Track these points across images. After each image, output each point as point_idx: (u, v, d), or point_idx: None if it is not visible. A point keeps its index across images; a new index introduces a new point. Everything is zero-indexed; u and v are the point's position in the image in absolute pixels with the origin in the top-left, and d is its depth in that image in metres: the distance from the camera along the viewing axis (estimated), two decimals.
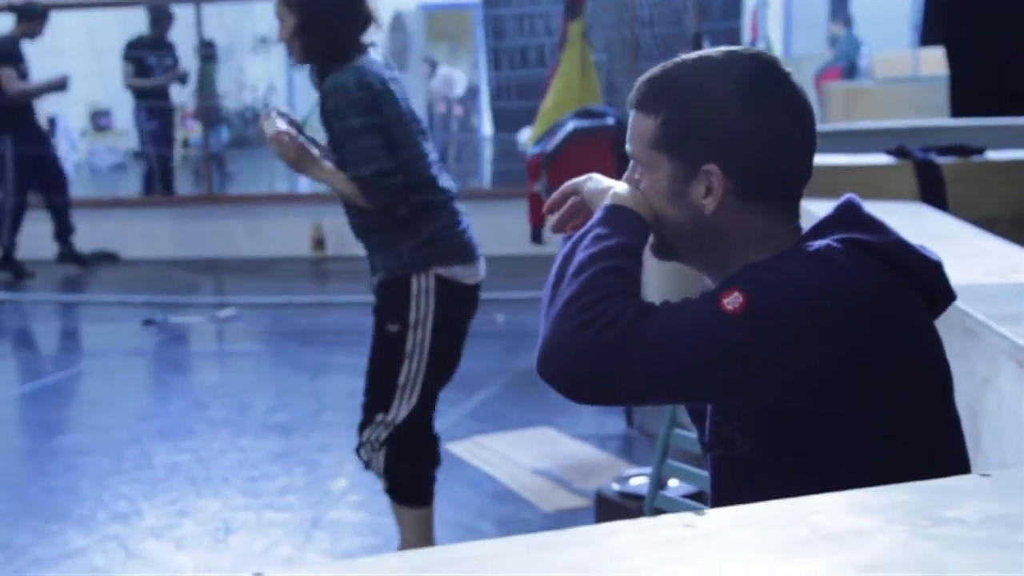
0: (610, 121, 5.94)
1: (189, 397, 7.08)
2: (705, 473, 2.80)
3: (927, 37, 12.01)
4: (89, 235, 11.66)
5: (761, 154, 1.95)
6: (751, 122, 1.94)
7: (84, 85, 19.40)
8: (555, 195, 2.18)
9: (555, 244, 6.25)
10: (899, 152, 5.45)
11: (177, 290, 9.94)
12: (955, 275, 2.94)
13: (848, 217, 1.95)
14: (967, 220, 4.69)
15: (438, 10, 17.42)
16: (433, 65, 17.82)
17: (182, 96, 19.81)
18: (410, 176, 4.04)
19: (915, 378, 1.85)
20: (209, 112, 14.40)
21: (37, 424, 6.62)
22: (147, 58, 11.92)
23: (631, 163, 2.05)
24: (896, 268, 1.89)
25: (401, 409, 4.17)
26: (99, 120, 20.17)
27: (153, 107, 12.21)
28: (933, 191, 5.41)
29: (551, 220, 2.19)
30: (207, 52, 15.79)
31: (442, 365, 4.24)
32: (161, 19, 12.05)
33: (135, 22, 13.09)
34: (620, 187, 2.01)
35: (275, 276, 10.52)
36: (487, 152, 13.48)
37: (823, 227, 1.94)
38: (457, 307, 4.17)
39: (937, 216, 4.63)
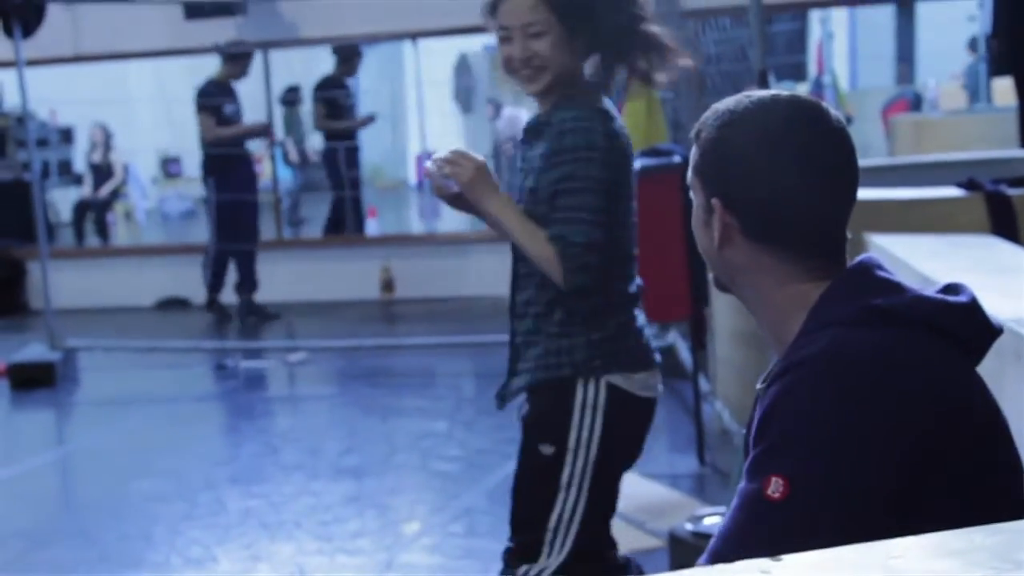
0: (676, 159, 5.92)
1: (261, 441, 7.11)
2: None
3: (997, 68, 11.96)
4: (160, 282, 11.77)
5: (773, 197, 1.96)
6: (767, 164, 1.96)
7: (154, 133, 19.66)
8: None
9: None
10: (969, 184, 5.40)
11: (248, 335, 10.00)
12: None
13: (862, 279, 1.94)
14: None
15: (491, 50, 17.50)
16: (498, 107, 17.89)
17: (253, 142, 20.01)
18: (614, 262, 3.19)
19: (968, 441, 1.82)
20: (299, 156, 14.63)
21: (112, 471, 6.67)
22: (338, 99, 11.89)
23: None
24: (919, 327, 1.86)
25: (552, 559, 3.25)
26: (169, 167, 20.39)
27: (346, 149, 12.17)
28: (1004, 223, 5.35)
29: None
30: (291, 97, 16.01)
31: (607, 500, 3.39)
32: (350, 58, 11.93)
33: (204, 69, 13.22)
34: None
35: (344, 319, 10.56)
36: None
37: (836, 296, 1.92)
38: (629, 426, 3.28)
39: (1008, 248, 4.57)
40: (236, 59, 10.64)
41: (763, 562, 1.26)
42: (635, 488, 5.68)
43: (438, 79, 11.54)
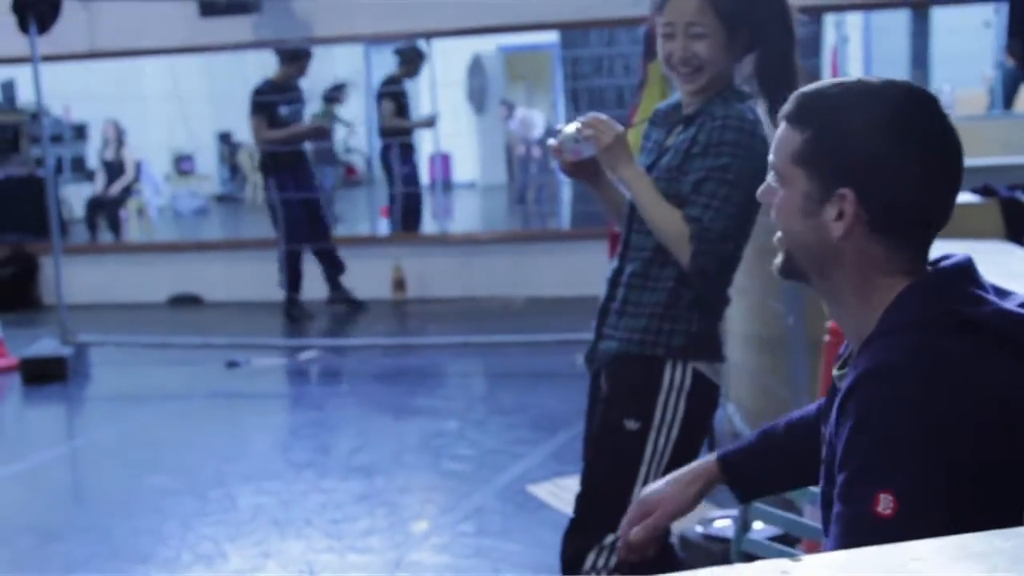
0: None
1: (272, 439, 7.12)
2: (791, 516, 2.78)
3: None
4: (172, 279, 11.79)
5: (900, 189, 1.93)
6: (896, 155, 1.92)
7: (168, 130, 19.70)
8: (632, 514, 2.42)
9: None
10: (984, 190, 5.40)
11: (260, 332, 10.01)
12: None
13: (948, 282, 1.93)
14: None
15: (516, 52, 17.49)
16: (511, 107, 17.90)
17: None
18: (736, 257, 3.30)
19: None
20: (325, 154, 14.66)
21: (122, 466, 6.68)
22: (403, 97, 11.83)
23: (771, 173, 2.05)
24: (1001, 339, 1.86)
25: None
26: (182, 165, 20.42)
27: (406, 147, 12.13)
28: (1019, 229, 5.35)
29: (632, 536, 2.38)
30: (334, 94, 16.07)
31: None
32: (413, 60, 11.91)
33: (219, 67, 13.25)
34: None
35: (356, 318, 10.56)
36: (566, 194, 13.49)
37: (920, 297, 1.92)
38: (706, 412, 3.39)
39: (1022, 254, 4.57)
40: (294, 59, 10.61)
41: (783, 562, 1.26)
42: (644, 489, 5.68)
43: (452, 79, 11.54)
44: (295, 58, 10.62)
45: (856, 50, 16.06)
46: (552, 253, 10.72)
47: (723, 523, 4.59)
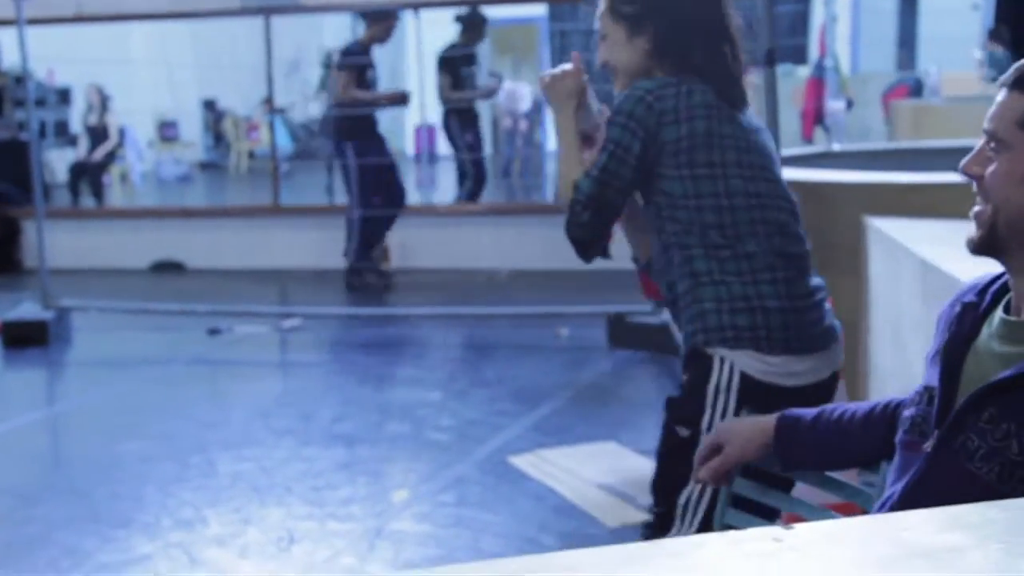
0: None
1: (253, 406, 7.10)
2: (775, 491, 2.76)
3: (1018, 52, 11.93)
4: (155, 245, 11.76)
5: None
6: None
7: (153, 96, 19.62)
8: (703, 449, 2.46)
9: (621, 259, 6.17)
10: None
11: (242, 300, 9.99)
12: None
13: None
14: None
15: (504, 25, 17.44)
16: (499, 80, 17.85)
17: (246, 107, 19.99)
18: (739, 230, 3.07)
19: None
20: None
21: (103, 431, 6.66)
22: (461, 69, 11.53)
23: (983, 140, 2.02)
24: None
25: (681, 534, 3.13)
26: (166, 131, 20.35)
27: (467, 118, 11.89)
28: None
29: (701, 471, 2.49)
30: (330, 61, 15.95)
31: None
32: (477, 25, 11.60)
33: (206, 33, 13.19)
34: None
35: (339, 287, 10.54)
36: (551, 167, 13.48)
37: None
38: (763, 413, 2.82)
39: None
40: (378, 19, 10.40)
41: (776, 530, 1.26)
42: (627, 462, 5.70)
43: (439, 50, 11.51)
44: (379, 19, 10.39)
45: (844, 30, 16.05)
46: (537, 226, 10.71)
47: None
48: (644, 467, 5.67)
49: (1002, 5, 10.65)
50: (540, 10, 13.59)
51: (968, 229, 2.01)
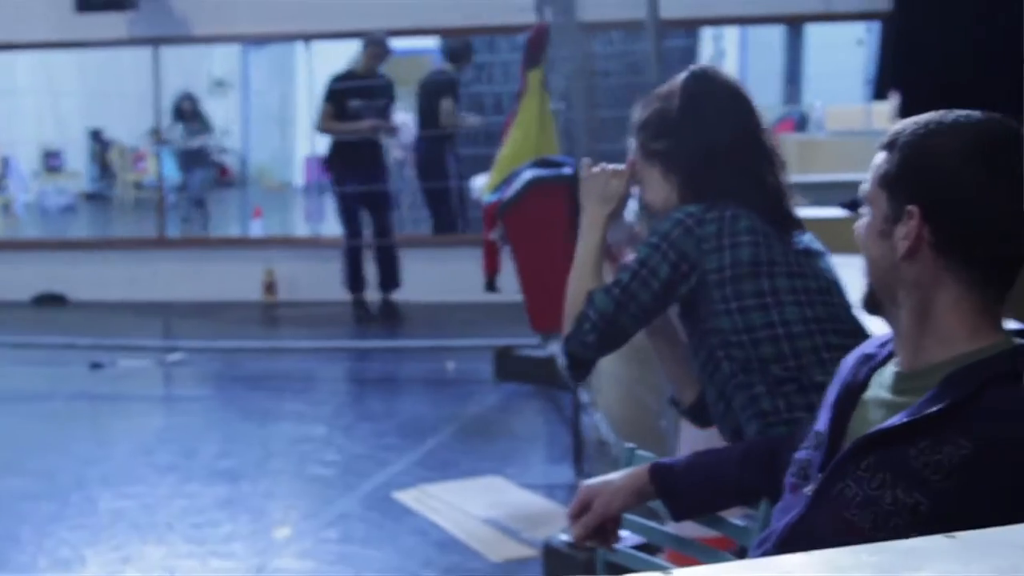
0: (567, 171, 5.92)
1: (135, 442, 6.99)
2: (655, 525, 2.76)
3: (880, 91, 12.14)
4: (37, 277, 11.56)
5: (970, 213, 1.93)
6: (975, 182, 1.92)
7: (37, 125, 19.34)
8: (573, 507, 2.44)
9: (508, 292, 6.16)
10: (853, 205, 5.45)
11: (125, 333, 9.85)
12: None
13: None
14: None
15: (396, 56, 17.42)
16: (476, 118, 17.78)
17: (133, 138, 19.77)
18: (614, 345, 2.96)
19: None
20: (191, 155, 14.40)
21: None
22: (350, 101, 10.54)
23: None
24: None
25: None
26: (50, 161, 20.06)
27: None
28: None
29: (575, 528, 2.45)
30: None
31: None
32: (463, 53, 11.18)
33: (93, 62, 13.05)
34: None
35: (225, 321, 10.43)
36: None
37: None
38: None
39: None
40: (369, 44, 10.24)
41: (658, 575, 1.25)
42: (511, 497, 5.69)
43: (328, 78, 11.45)
44: (369, 44, 10.26)
45: (732, 64, 16.25)
46: (426, 259, 10.67)
47: None
48: (529, 501, 5.67)
49: (889, 70, 10.80)
50: (432, 42, 13.58)
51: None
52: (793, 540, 1.99)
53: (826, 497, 1.97)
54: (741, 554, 2.64)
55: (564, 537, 4.59)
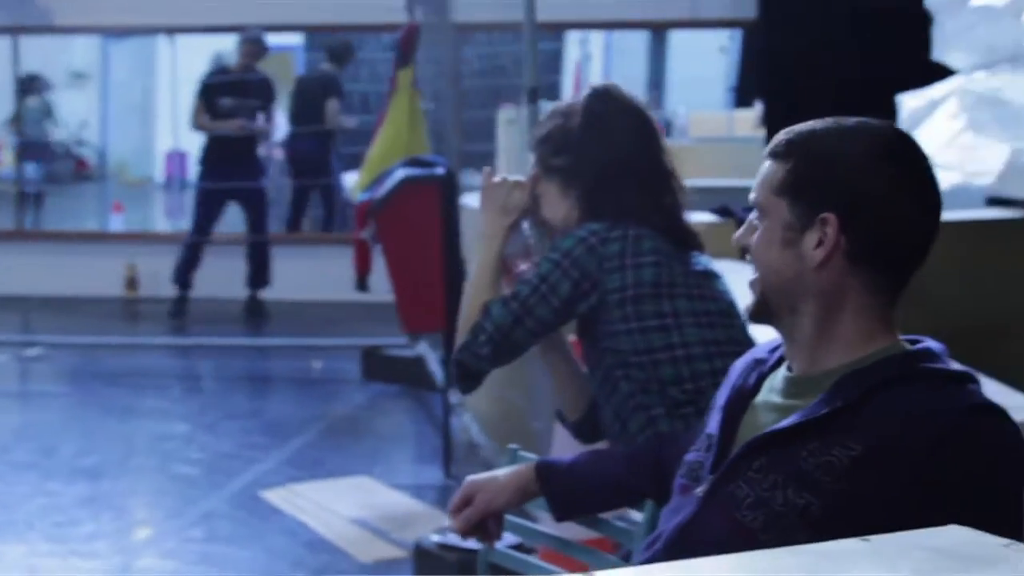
0: (440, 171, 5.92)
1: None
2: (533, 526, 2.77)
3: (743, 99, 12.31)
4: None
5: (885, 220, 1.93)
6: (884, 185, 1.93)
7: None
8: (455, 501, 2.46)
9: (378, 292, 6.16)
10: (723, 211, 5.53)
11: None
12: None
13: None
14: None
15: None
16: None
17: None
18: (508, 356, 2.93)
19: None
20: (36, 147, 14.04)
21: None
22: (220, 99, 10.20)
23: (753, 213, 2.03)
24: None
25: None
26: None
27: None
28: None
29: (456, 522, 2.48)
30: (29, 86, 15.32)
31: None
32: (343, 53, 10.96)
33: None
34: None
35: (85, 316, 10.24)
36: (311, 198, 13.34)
37: (936, 357, 1.97)
38: None
39: None
40: (243, 42, 10.01)
41: None
42: (380, 497, 5.67)
43: (192, 76, 11.29)
44: (245, 41, 10.04)
45: (597, 68, 16.35)
46: (297, 257, 10.56)
47: None
48: (398, 502, 5.65)
49: (751, 78, 10.98)
50: (297, 38, 13.49)
51: (747, 297, 2.05)
52: (683, 541, 2.00)
53: (717, 498, 1.99)
54: (624, 556, 2.65)
55: (435, 538, 4.57)
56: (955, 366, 1.96)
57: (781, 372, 2.07)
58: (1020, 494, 1.86)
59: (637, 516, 2.65)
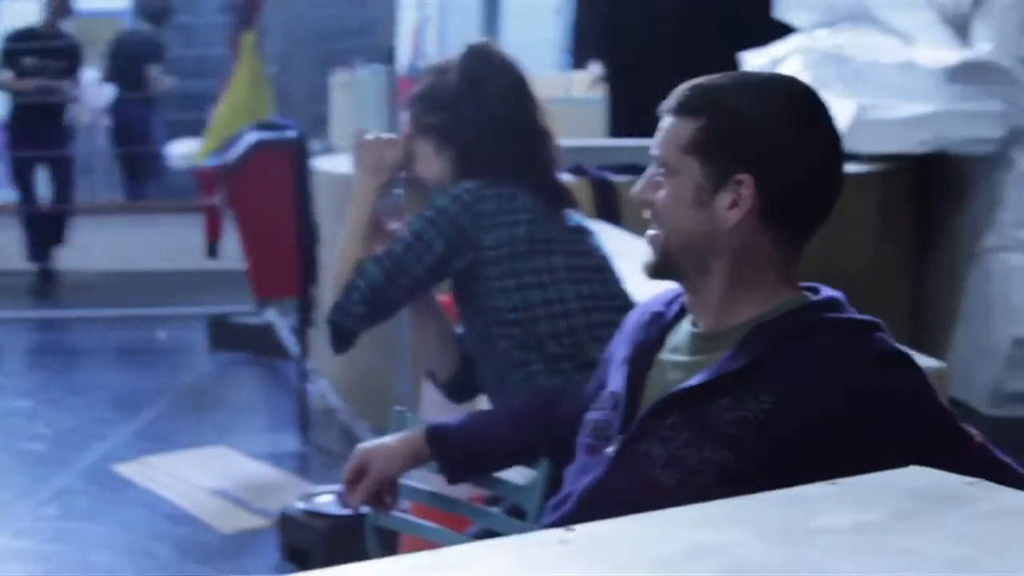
0: (292, 134, 5.83)
1: None
2: (407, 483, 2.71)
3: (579, 60, 12.36)
4: None
5: (799, 177, 1.93)
6: (801, 143, 1.93)
7: None
8: (348, 473, 2.39)
9: (230, 258, 6.04)
10: (576, 170, 5.55)
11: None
12: (653, 292, 3.01)
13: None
14: (641, 236, 4.80)
15: (86, 16, 16.88)
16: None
17: None
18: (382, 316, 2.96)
19: None
20: None
21: None
22: (25, 59, 9.88)
23: (652, 166, 2.00)
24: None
25: None
26: None
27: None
28: (608, 208, 5.53)
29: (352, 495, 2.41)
30: None
31: None
32: (159, 12, 10.73)
33: None
34: None
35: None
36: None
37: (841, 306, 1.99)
38: None
39: (615, 233, 4.69)
40: (55, 2, 9.67)
41: (560, 532, 1.24)
42: (237, 468, 5.60)
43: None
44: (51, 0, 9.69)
45: (434, 32, 16.30)
46: (142, 226, 10.30)
47: (325, 499, 4.53)
48: (256, 471, 5.58)
49: (586, 39, 10.99)
50: (124, 3, 13.19)
51: (644, 253, 2.03)
52: (596, 501, 1.99)
53: (629, 457, 1.97)
54: (513, 512, 2.63)
55: (301, 505, 4.52)
56: (861, 315, 1.97)
57: (684, 327, 2.06)
58: (931, 439, 1.88)
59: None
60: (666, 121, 1.99)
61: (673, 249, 1.97)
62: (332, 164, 6.25)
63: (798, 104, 1.97)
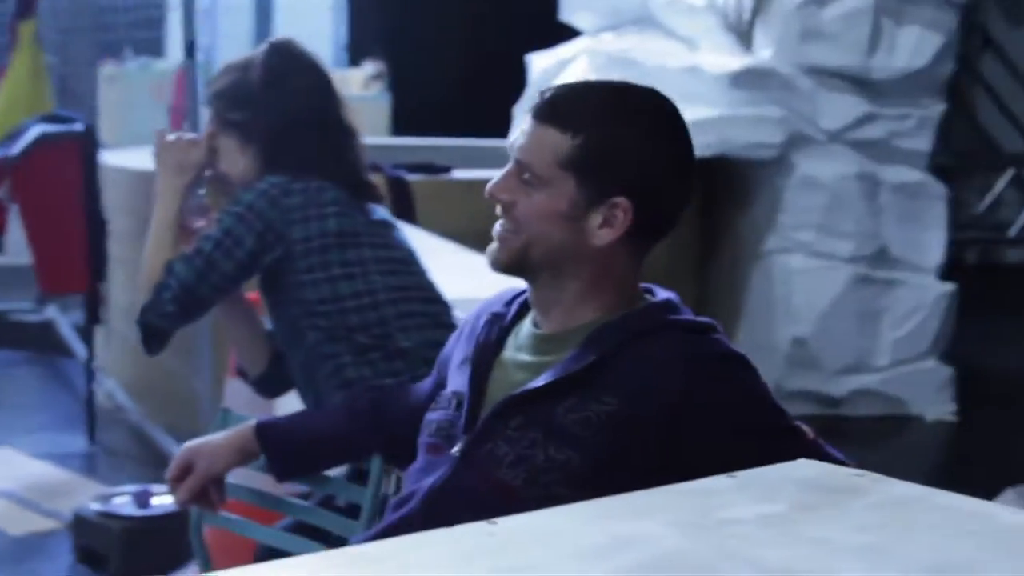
0: (79, 127, 5.70)
1: None
2: (243, 485, 2.70)
3: (354, 58, 12.33)
4: None
5: (670, 197, 2.01)
6: (669, 166, 1.99)
7: None
8: (174, 470, 2.39)
9: (16, 253, 5.85)
10: (372, 167, 5.54)
11: None
12: (453, 290, 3.05)
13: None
14: (436, 235, 4.84)
15: None
16: None
17: None
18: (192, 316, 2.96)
19: None
20: None
21: None
22: None
23: (514, 168, 2.00)
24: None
25: None
26: None
27: None
28: (404, 206, 5.56)
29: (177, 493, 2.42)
30: None
31: None
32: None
33: None
34: None
35: None
36: None
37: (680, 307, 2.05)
38: None
39: (410, 231, 4.72)
40: None
41: (485, 525, 1.25)
42: (23, 469, 5.47)
43: None
44: None
45: (202, 26, 16.07)
46: None
47: (122, 499, 4.45)
48: (43, 472, 5.45)
49: (365, 37, 10.96)
50: None
51: (491, 246, 2.03)
52: (441, 500, 2.00)
53: (474, 458, 2.00)
54: (320, 502, 2.66)
55: (95, 506, 4.43)
56: (698, 317, 2.04)
57: (526, 327, 2.09)
58: (766, 436, 1.96)
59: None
60: (532, 126, 2.00)
61: (533, 254, 2.00)
62: (123, 159, 6.14)
63: (668, 127, 2.02)
